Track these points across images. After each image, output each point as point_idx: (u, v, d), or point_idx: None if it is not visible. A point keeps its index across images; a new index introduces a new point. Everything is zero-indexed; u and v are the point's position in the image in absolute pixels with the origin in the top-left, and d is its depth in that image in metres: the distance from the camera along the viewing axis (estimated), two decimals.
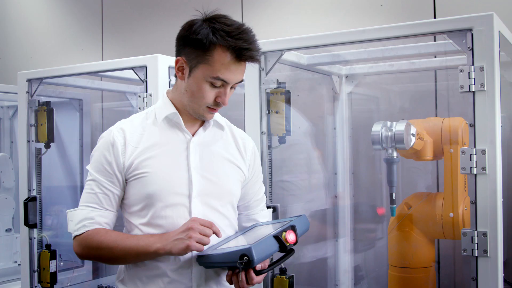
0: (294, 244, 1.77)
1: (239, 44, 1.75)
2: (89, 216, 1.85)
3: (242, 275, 1.73)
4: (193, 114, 1.89)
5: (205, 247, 1.84)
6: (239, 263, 1.65)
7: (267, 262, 1.82)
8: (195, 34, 1.78)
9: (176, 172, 1.86)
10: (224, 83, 1.80)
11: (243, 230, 2.00)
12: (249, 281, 1.74)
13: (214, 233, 1.78)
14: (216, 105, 1.84)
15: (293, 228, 1.79)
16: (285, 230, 1.76)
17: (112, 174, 1.85)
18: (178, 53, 1.86)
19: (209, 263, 1.79)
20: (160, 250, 1.76)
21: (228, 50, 1.76)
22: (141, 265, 1.86)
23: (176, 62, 1.87)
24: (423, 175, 3.16)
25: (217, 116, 1.97)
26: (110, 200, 1.87)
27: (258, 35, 1.85)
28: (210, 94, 1.81)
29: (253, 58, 1.80)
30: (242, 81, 1.84)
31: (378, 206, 3.31)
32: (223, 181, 1.93)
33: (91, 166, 1.89)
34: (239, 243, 1.82)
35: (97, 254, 1.86)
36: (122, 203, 1.91)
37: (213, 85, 1.80)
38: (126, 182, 1.87)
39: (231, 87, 1.84)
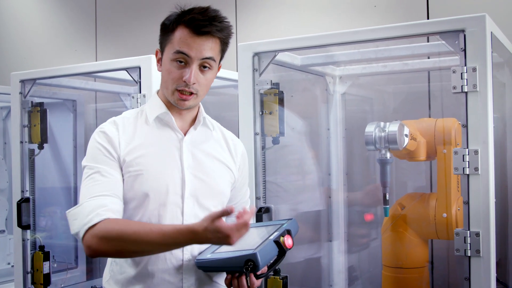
0: (291, 248, 1.78)
1: (196, 18, 1.78)
2: (101, 203, 1.70)
3: (244, 280, 1.73)
4: (173, 103, 1.87)
5: (199, 251, 1.85)
6: (246, 269, 1.66)
7: (266, 266, 1.82)
8: (165, 20, 1.86)
9: (170, 172, 1.85)
10: (186, 57, 1.79)
11: None
12: (250, 285, 1.74)
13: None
14: (184, 85, 1.81)
15: (289, 232, 1.80)
16: (282, 235, 1.77)
17: (114, 160, 1.80)
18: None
19: (209, 267, 1.80)
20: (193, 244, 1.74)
21: (187, 27, 1.79)
22: (131, 265, 1.84)
23: (156, 54, 1.93)
24: (417, 175, 3.16)
25: (204, 114, 1.98)
26: (117, 187, 1.78)
27: (252, 36, 1.87)
28: (175, 73, 1.81)
29: (210, 33, 1.80)
30: (210, 58, 1.82)
31: (372, 209, 3.31)
32: (215, 181, 1.93)
33: (89, 160, 1.81)
34: (234, 247, 1.82)
35: (116, 246, 1.67)
36: None
37: (178, 64, 1.81)
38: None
39: (202, 68, 1.83)
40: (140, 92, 2.82)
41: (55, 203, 4.10)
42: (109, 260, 1.94)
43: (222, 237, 1.60)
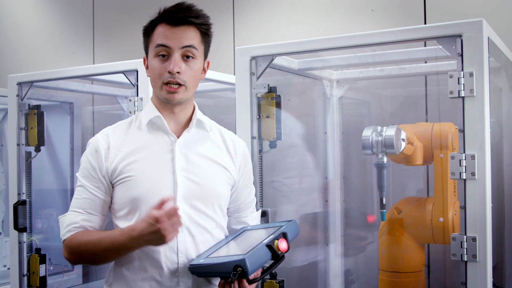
0: (286, 251, 1.77)
1: (170, 11, 1.85)
2: (74, 220, 1.86)
3: (236, 285, 1.74)
4: (164, 100, 1.89)
5: (196, 255, 1.85)
6: (233, 274, 1.65)
7: (259, 270, 1.82)
8: (145, 25, 1.92)
9: (161, 175, 1.86)
10: (166, 49, 1.83)
11: (233, 234, 1.99)
12: None
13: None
14: (170, 76, 1.83)
15: (284, 235, 1.79)
16: (277, 238, 1.76)
17: (97, 179, 1.87)
18: None
19: (201, 272, 1.79)
20: (137, 249, 1.79)
21: (163, 22, 1.85)
22: (129, 269, 1.85)
23: (144, 62, 1.97)
24: (413, 180, 3.17)
25: (199, 115, 1.98)
26: (96, 205, 1.88)
27: (249, 38, 1.89)
28: (160, 67, 1.85)
29: (185, 20, 1.84)
30: (190, 46, 1.85)
31: (369, 212, 3.31)
32: (209, 183, 1.92)
33: (79, 172, 1.92)
34: (230, 250, 1.82)
35: (81, 257, 1.88)
36: (110, 208, 1.91)
37: (161, 58, 1.85)
38: (113, 187, 1.87)
39: (185, 58, 1.85)
40: (137, 95, 2.82)
41: (51, 205, 4.10)
42: (111, 263, 1.96)
43: (153, 223, 1.65)
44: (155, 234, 1.67)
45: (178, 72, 1.83)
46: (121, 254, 1.82)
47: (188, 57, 1.85)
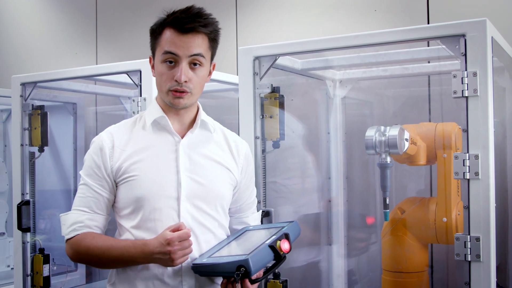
0: (288, 252, 1.78)
1: (179, 17, 1.82)
2: (79, 219, 1.87)
3: (238, 285, 1.74)
4: (169, 104, 1.90)
5: (198, 254, 1.85)
6: (237, 274, 1.66)
7: (261, 270, 1.82)
8: (152, 26, 1.90)
9: (165, 175, 1.87)
10: (174, 56, 1.82)
11: (234, 234, 2.00)
12: None
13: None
14: (177, 84, 1.83)
15: (287, 236, 1.80)
16: (279, 239, 1.77)
17: (102, 178, 1.87)
18: None
19: (204, 271, 1.80)
20: (145, 263, 1.82)
21: (172, 27, 1.83)
22: (132, 268, 1.86)
23: (149, 61, 1.96)
24: (417, 180, 3.16)
25: (204, 116, 1.98)
26: (100, 203, 1.89)
27: (252, 37, 1.88)
28: (167, 74, 1.84)
29: (194, 29, 1.82)
30: (198, 55, 1.84)
31: (369, 214, 3.31)
32: (213, 183, 1.93)
33: (83, 171, 1.92)
34: (233, 250, 1.83)
35: (86, 259, 1.92)
36: (113, 206, 1.92)
37: (168, 64, 1.84)
38: (116, 186, 1.88)
39: (193, 65, 1.85)
40: (140, 96, 2.82)
41: (55, 205, 4.10)
42: None
43: (164, 244, 1.72)
44: (164, 255, 1.73)
45: (185, 82, 1.83)
46: (128, 264, 1.85)
47: (195, 64, 1.86)
